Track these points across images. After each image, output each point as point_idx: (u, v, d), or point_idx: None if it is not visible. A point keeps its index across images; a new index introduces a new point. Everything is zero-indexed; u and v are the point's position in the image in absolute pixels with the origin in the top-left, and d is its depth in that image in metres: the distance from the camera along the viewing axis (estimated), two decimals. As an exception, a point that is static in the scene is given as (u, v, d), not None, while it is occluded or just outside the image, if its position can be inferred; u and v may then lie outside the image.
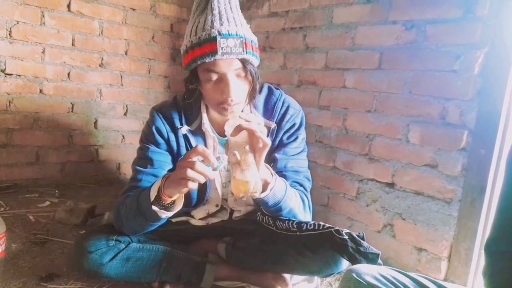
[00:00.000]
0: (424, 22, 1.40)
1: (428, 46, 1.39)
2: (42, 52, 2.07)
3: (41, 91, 2.10)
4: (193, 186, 0.94)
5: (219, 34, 0.99)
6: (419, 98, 1.42)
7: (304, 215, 1.19)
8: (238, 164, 0.93)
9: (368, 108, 1.61)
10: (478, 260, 1.28)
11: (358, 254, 1.05)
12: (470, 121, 1.28)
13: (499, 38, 1.20)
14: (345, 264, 1.17)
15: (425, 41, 1.40)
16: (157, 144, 1.19)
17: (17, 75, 2.02)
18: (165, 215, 1.04)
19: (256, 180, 0.95)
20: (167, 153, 1.20)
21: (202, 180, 0.93)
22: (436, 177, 1.37)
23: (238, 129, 0.96)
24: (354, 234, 1.09)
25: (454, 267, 1.32)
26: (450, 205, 1.33)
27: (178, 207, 1.05)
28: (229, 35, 1.00)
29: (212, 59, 1.00)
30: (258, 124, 0.99)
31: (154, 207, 1.01)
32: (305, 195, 1.22)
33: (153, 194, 1.02)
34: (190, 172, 0.91)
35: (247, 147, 0.96)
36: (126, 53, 2.36)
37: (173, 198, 1.02)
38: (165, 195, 1.00)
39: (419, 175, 1.43)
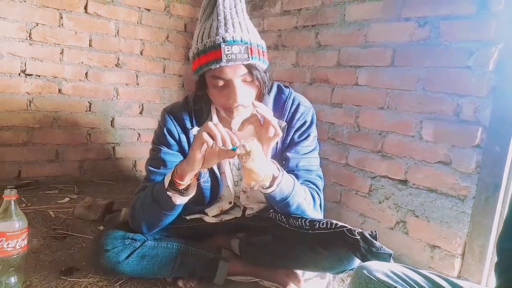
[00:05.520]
0: (438, 19, 1.39)
1: (442, 42, 1.38)
2: (61, 53, 2.13)
3: (60, 90, 2.16)
4: (208, 139, 0.95)
5: (224, 41, 1.00)
6: (432, 95, 1.41)
7: (314, 213, 1.20)
8: (248, 154, 0.96)
9: (381, 105, 1.61)
10: (493, 257, 1.27)
11: (370, 254, 1.05)
12: (484, 118, 1.26)
13: (514, 34, 1.19)
14: (358, 261, 1.16)
15: (439, 37, 1.39)
16: (168, 146, 1.21)
17: (36, 75, 2.08)
18: (179, 200, 1.07)
19: (266, 169, 0.97)
20: (178, 154, 1.22)
21: (218, 135, 0.93)
22: (450, 174, 1.36)
23: (245, 123, 0.98)
24: (367, 234, 1.08)
25: (468, 265, 1.31)
26: (464, 202, 1.32)
27: (192, 192, 1.09)
28: (233, 41, 1.01)
29: (217, 66, 1.01)
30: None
31: (168, 192, 1.05)
32: (317, 194, 1.22)
33: (167, 180, 1.06)
34: (204, 132, 0.94)
35: (255, 139, 0.98)
36: (141, 53, 2.40)
37: (186, 181, 1.04)
38: (178, 178, 1.03)
39: (432, 172, 1.42)
